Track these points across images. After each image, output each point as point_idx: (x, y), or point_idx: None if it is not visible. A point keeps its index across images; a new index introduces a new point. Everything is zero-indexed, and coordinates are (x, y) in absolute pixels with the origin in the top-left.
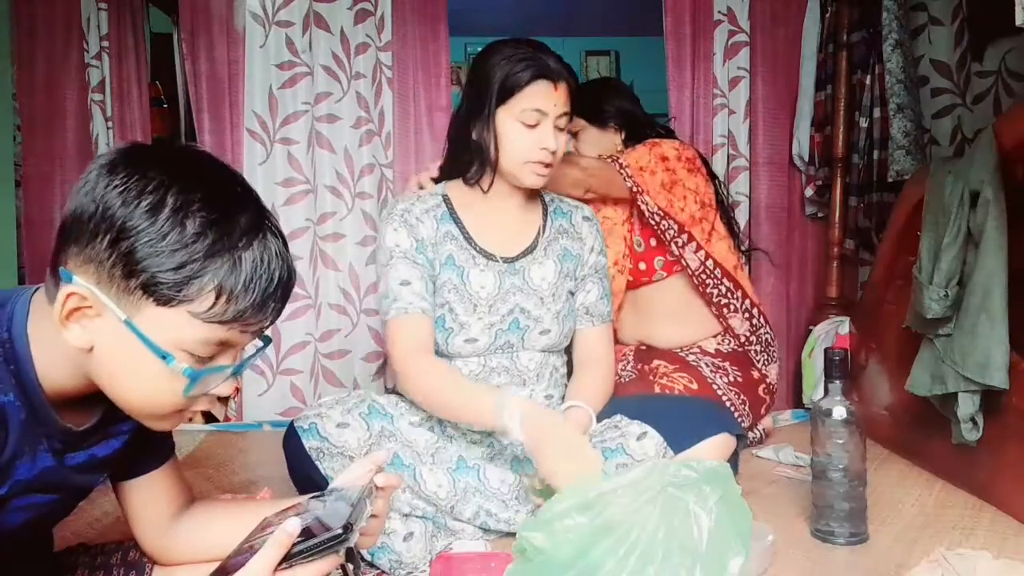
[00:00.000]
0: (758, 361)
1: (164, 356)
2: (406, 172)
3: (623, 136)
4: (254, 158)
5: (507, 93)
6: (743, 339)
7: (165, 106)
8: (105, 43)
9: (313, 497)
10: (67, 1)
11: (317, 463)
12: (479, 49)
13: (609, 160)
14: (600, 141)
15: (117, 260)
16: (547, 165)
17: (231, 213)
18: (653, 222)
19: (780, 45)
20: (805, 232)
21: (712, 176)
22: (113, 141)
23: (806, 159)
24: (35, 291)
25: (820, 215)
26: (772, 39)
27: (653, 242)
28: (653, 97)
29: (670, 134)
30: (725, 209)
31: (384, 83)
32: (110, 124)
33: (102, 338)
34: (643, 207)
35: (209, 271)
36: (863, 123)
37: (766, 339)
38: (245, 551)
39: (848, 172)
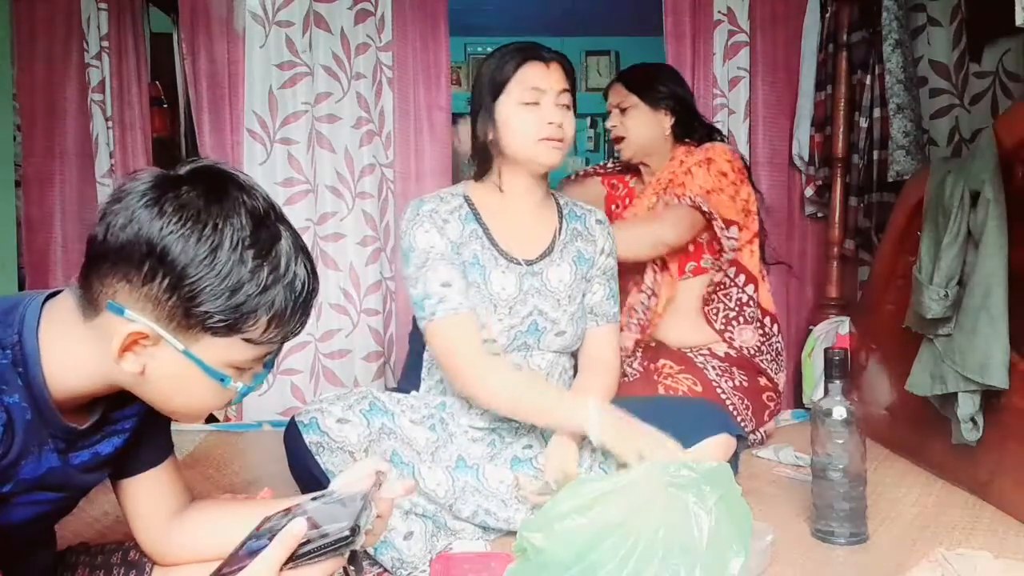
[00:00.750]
0: (768, 369)
1: (222, 379)
2: (406, 172)
3: (672, 122)
4: (254, 158)
5: (502, 81)
6: (752, 350)
7: (165, 106)
8: (105, 43)
9: (313, 498)
10: (67, 1)
11: (317, 458)
12: (479, 49)
13: (677, 202)
14: (650, 121)
15: (177, 302)
16: (559, 140)
17: (274, 243)
18: (724, 238)
19: (780, 45)
20: (805, 232)
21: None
22: (113, 141)
23: (806, 159)
24: (47, 297)
25: (820, 215)
26: (772, 39)
27: (691, 247)
28: None
29: (715, 132)
30: (760, 219)
31: (384, 83)
32: (110, 124)
33: (156, 363)
34: (719, 232)
35: (263, 305)
36: (863, 123)
37: (777, 348)
38: (245, 550)
39: (848, 172)
